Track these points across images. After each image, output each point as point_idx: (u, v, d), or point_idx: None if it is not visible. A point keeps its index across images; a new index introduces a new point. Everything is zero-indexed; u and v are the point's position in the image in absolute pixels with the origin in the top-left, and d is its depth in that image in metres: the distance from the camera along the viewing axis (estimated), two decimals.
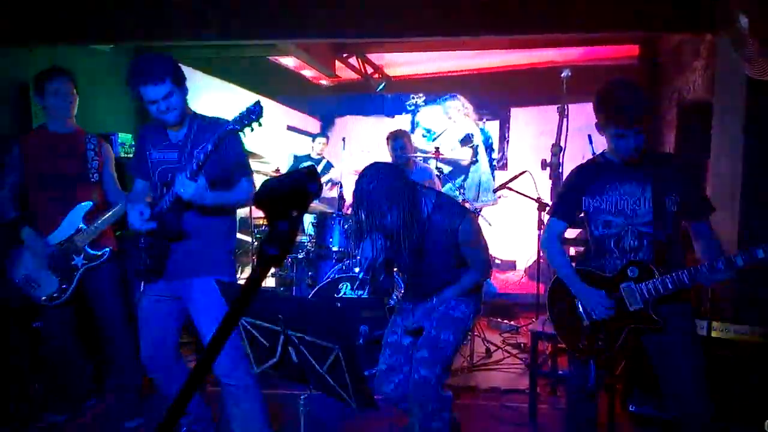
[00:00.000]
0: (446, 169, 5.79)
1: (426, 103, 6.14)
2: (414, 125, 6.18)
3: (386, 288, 2.83)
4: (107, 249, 3.26)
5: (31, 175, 3.23)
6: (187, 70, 2.61)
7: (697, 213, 2.41)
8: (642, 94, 2.33)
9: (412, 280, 2.84)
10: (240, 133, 2.41)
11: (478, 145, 6.05)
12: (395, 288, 3.86)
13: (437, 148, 4.93)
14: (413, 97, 6.15)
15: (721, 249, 2.37)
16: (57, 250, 3.18)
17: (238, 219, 2.93)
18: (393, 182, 2.46)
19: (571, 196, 2.56)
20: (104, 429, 3.36)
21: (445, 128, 6.09)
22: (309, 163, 6.13)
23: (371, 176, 2.46)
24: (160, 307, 2.73)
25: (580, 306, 2.53)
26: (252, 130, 2.38)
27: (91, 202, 3.23)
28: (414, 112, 6.17)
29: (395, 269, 2.72)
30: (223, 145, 2.42)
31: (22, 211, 3.26)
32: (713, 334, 3.00)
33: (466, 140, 6.04)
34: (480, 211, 4.71)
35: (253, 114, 2.33)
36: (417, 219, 2.55)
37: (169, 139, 2.67)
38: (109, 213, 3.23)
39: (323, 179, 6.26)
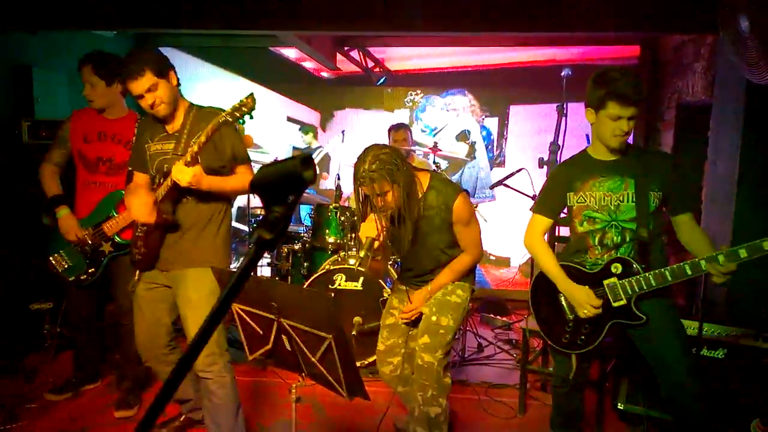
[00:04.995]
0: (443, 164, 5.79)
1: (426, 99, 6.12)
2: (416, 120, 6.17)
3: (384, 270, 2.85)
4: None
5: (76, 155, 3.27)
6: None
7: (680, 207, 2.43)
8: (640, 80, 2.35)
9: (408, 261, 2.86)
10: (234, 124, 2.41)
11: (476, 142, 6.05)
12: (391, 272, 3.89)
13: (435, 144, 4.96)
14: (411, 94, 6.14)
15: (707, 241, 2.37)
16: (89, 233, 3.21)
17: (235, 209, 2.93)
18: (393, 162, 2.49)
19: (556, 192, 2.58)
20: (98, 414, 3.35)
21: (446, 123, 6.09)
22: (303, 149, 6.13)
23: (373, 156, 2.49)
24: (154, 295, 2.75)
25: (563, 301, 2.56)
26: (243, 122, 2.38)
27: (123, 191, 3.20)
28: (417, 111, 6.16)
29: (392, 253, 2.76)
30: (218, 136, 2.43)
31: (64, 189, 3.29)
32: (705, 335, 3.02)
33: (462, 136, 6.04)
34: (477, 207, 4.72)
35: (245, 106, 2.32)
36: (414, 199, 2.60)
37: (165, 131, 2.67)
38: None
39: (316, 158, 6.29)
